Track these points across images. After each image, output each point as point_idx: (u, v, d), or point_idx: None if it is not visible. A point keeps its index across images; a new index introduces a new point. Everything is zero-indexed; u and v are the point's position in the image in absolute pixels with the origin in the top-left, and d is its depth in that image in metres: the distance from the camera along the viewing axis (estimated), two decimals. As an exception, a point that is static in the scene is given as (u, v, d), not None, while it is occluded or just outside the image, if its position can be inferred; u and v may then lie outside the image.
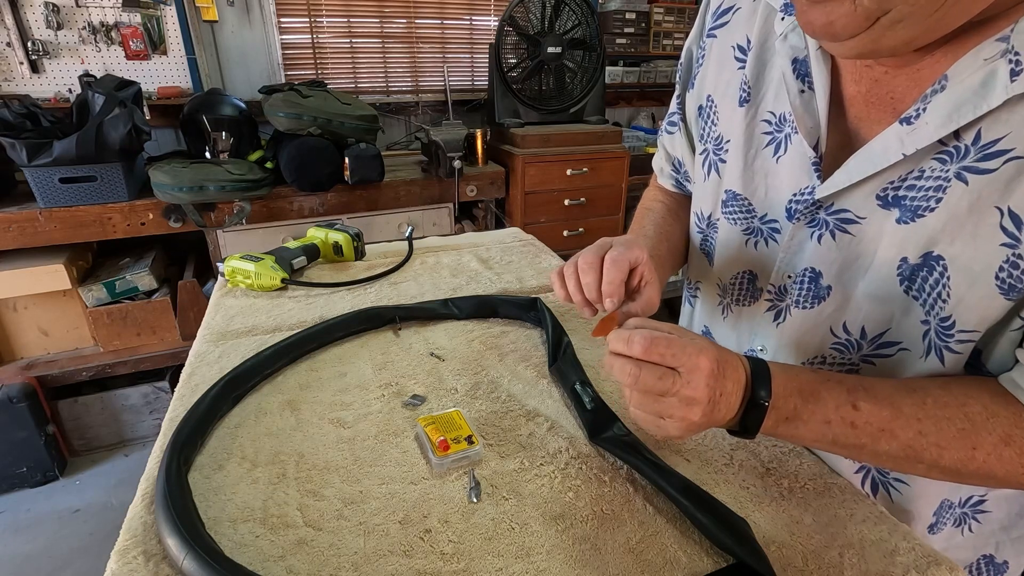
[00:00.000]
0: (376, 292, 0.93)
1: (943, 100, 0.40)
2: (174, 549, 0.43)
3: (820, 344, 0.54)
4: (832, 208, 0.49)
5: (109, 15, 2.02)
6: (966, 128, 0.40)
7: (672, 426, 0.45)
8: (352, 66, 2.48)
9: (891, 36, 0.37)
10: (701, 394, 0.43)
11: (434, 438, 0.56)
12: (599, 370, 0.73)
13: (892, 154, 0.43)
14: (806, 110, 0.50)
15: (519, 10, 2.32)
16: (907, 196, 0.44)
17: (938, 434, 0.42)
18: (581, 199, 2.39)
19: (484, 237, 1.22)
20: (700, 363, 0.43)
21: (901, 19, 0.36)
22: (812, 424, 0.45)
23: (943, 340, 0.45)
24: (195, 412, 0.59)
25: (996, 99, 0.37)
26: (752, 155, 0.57)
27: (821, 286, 0.52)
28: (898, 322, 0.48)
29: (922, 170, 0.43)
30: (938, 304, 0.45)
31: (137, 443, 2.11)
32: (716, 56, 0.61)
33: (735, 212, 0.60)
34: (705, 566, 0.45)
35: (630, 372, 0.44)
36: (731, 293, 0.64)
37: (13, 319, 1.87)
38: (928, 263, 0.44)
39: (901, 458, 0.44)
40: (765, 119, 0.55)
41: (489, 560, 0.46)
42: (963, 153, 0.41)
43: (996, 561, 0.59)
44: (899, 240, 0.45)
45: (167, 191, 1.76)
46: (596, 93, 2.51)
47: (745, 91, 0.56)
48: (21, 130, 1.66)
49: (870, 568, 0.45)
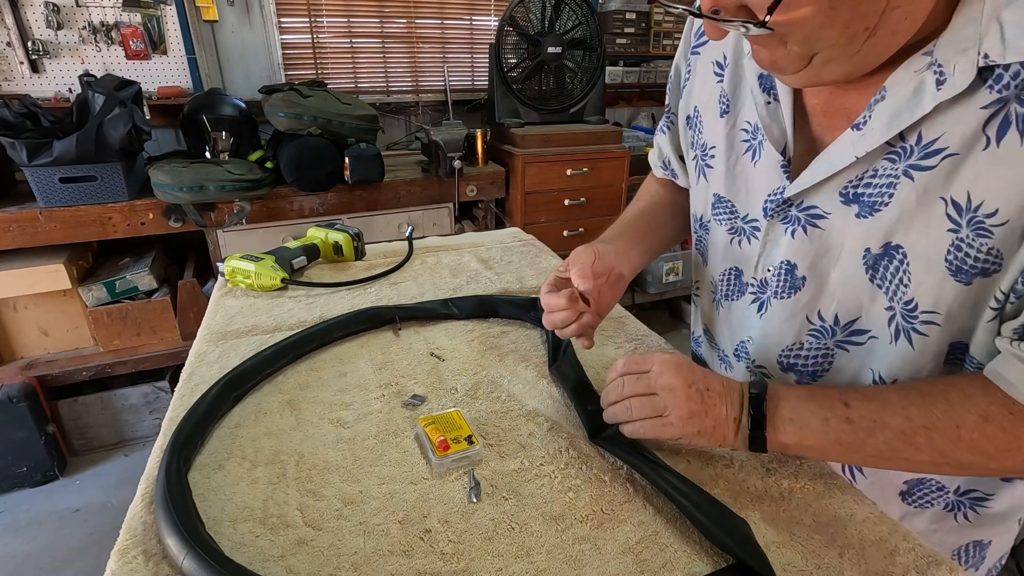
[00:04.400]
0: (376, 292, 0.93)
1: (884, 108, 0.46)
2: (174, 549, 0.43)
3: (798, 331, 0.59)
4: (802, 205, 0.54)
5: (109, 15, 2.02)
6: (909, 130, 0.45)
7: (674, 417, 0.51)
8: (352, 66, 2.48)
9: (827, 72, 0.44)
10: (675, 380, 0.51)
11: (434, 438, 0.56)
12: (599, 370, 0.73)
13: (846, 157, 0.49)
14: (773, 120, 0.56)
15: (519, 10, 2.32)
16: (864, 193, 0.50)
17: (924, 417, 0.46)
18: (581, 199, 2.39)
19: (484, 237, 1.22)
20: (663, 358, 0.53)
21: (830, 59, 0.42)
22: (814, 423, 0.49)
23: (909, 322, 0.50)
24: (195, 412, 0.59)
25: (927, 105, 0.43)
26: (733, 161, 0.62)
27: (796, 277, 0.57)
28: (866, 310, 0.53)
29: (875, 169, 0.49)
30: (900, 289, 0.49)
31: (137, 443, 2.11)
32: (700, 72, 0.66)
33: (722, 213, 0.65)
34: (705, 566, 0.45)
35: (616, 385, 0.55)
36: (721, 289, 0.69)
37: (13, 319, 1.87)
38: (889, 252, 0.49)
39: (899, 448, 0.47)
40: (743, 128, 0.61)
41: (489, 560, 0.46)
42: (909, 153, 0.46)
43: (983, 543, 0.63)
44: (862, 233, 0.50)
45: (167, 191, 1.76)
46: (596, 93, 2.51)
47: (724, 103, 0.62)
48: (21, 130, 1.65)
49: (870, 568, 0.45)
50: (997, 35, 0.39)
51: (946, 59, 0.42)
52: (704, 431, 0.51)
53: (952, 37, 0.41)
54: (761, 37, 0.43)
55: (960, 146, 0.43)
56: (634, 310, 1.68)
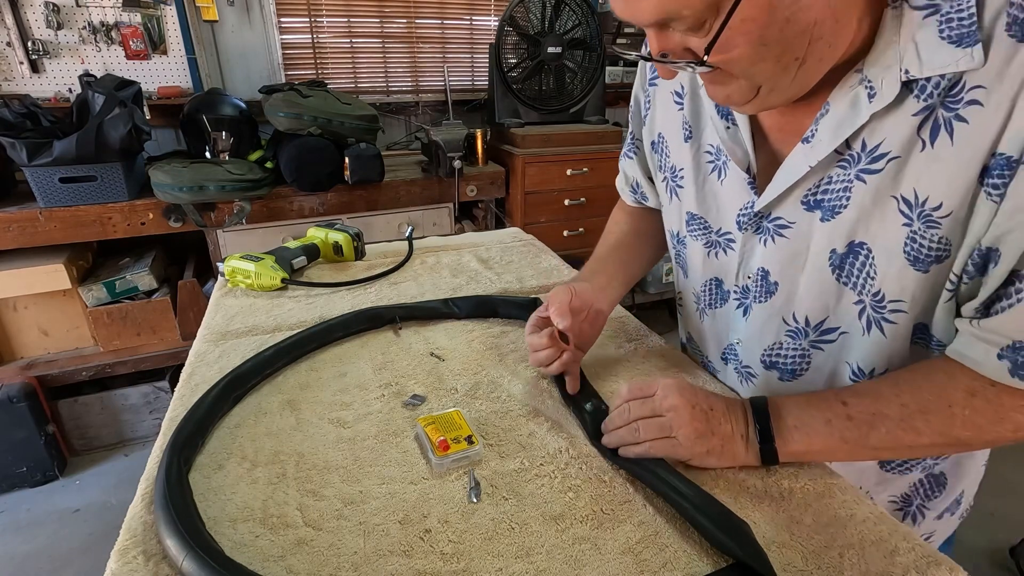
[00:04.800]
0: (376, 292, 0.93)
1: (828, 121, 0.51)
2: (174, 549, 0.43)
3: (777, 331, 0.63)
4: (771, 217, 0.59)
5: (109, 15, 2.02)
6: (853, 138, 0.50)
7: (682, 437, 0.53)
8: (352, 66, 2.48)
9: (772, 99, 0.49)
10: (679, 401, 0.54)
11: (434, 438, 0.56)
12: (599, 370, 0.73)
13: (801, 168, 0.53)
14: (734, 142, 0.60)
15: (519, 10, 2.32)
16: (824, 199, 0.54)
17: (918, 402, 0.49)
18: (581, 199, 2.39)
19: (484, 237, 1.22)
20: (666, 382, 0.56)
21: (773, 88, 0.47)
22: (818, 427, 0.52)
23: (879, 312, 0.54)
24: (195, 412, 0.59)
25: (864, 116, 0.48)
26: (701, 181, 0.66)
27: (770, 282, 0.61)
28: (833, 309, 0.57)
29: (830, 177, 0.53)
30: (868, 282, 0.53)
31: (137, 443, 2.11)
32: (660, 101, 0.71)
33: (696, 229, 0.69)
34: (705, 566, 0.45)
35: (623, 410, 0.57)
36: (704, 299, 0.72)
37: (13, 319, 1.87)
38: (854, 250, 0.53)
39: (900, 435, 0.49)
40: (707, 150, 0.65)
41: (489, 560, 0.46)
42: (857, 159, 0.50)
43: (934, 473, 0.66)
44: (826, 235, 0.54)
45: (167, 191, 1.76)
46: (596, 93, 2.51)
47: (687, 130, 0.66)
48: (21, 130, 1.65)
49: (870, 568, 0.45)
50: (914, 54, 0.45)
51: (875, 76, 0.47)
52: (713, 450, 0.53)
53: (876, 57, 0.47)
54: (710, 74, 0.48)
55: (900, 149, 0.48)
56: (634, 310, 1.68)
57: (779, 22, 0.42)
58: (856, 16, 0.45)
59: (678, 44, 0.47)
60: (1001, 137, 0.42)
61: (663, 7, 0.42)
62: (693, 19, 0.43)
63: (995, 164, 0.43)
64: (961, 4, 0.43)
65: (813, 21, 0.42)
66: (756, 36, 0.43)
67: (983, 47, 0.42)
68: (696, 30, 0.44)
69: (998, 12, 0.42)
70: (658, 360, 0.76)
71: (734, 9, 0.41)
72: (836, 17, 0.43)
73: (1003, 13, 0.41)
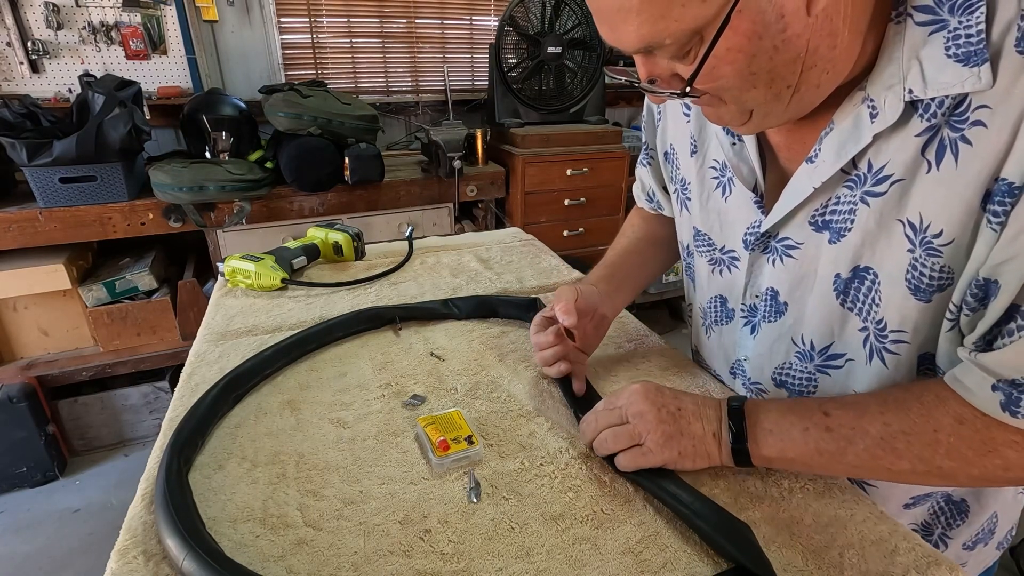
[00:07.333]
0: (376, 292, 0.93)
1: (832, 140, 0.49)
2: (174, 549, 0.43)
3: (786, 351, 0.61)
4: (779, 237, 0.57)
5: (109, 15, 2.02)
6: (860, 158, 0.48)
7: (651, 443, 0.52)
8: (352, 66, 2.48)
9: (768, 121, 0.48)
10: (644, 406, 0.53)
11: (434, 438, 0.56)
12: (599, 370, 0.73)
13: (806, 188, 0.51)
14: (740, 159, 0.59)
15: (519, 10, 2.32)
16: (832, 220, 0.52)
17: (901, 422, 0.47)
18: (581, 199, 2.39)
19: (484, 237, 1.22)
20: (632, 387, 0.56)
21: (767, 114, 0.46)
22: (794, 434, 0.50)
23: (880, 342, 0.52)
24: (195, 412, 0.59)
25: (867, 136, 0.46)
26: (706, 197, 0.65)
27: (780, 303, 0.59)
28: (838, 335, 0.55)
29: (838, 197, 0.51)
30: (873, 309, 0.51)
31: (137, 443, 2.11)
32: (671, 112, 0.70)
33: (701, 246, 0.69)
34: (705, 566, 0.45)
35: (591, 420, 0.57)
36: (710, 316, 0.71)
37: (13, 319, 1.86)
38: (859, 275, 0.51)
39: (879, 455, 0.47)
40: (711, 166, 0.64)
41: (489, 560, 0.46)
42: (863, 180, 0.48)
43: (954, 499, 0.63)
44: (832, 258, 0.52)
45: (167, 191, 1.76)
46: (596, 93, 2.51)
47: (692, 144, 0.65)
48: (21, 130, 1.65)
49: (870, 568, 0.45)
50: (918, 73, 0.43)
51: (877, 95, 0.45)
52: (685, 452, 0.52)
53: (879, 75, 0.45)
54: (701, 98, 0.47)
55: (905, 171, 0.46)
56: (634, 310, 1.68)
57: (767, 51, 0.41)
58: (859, 35, 0.43)
59: (666, 70, 0.46)
60: (1005, 161, 0.40)
61: (646, 36, 0.41)
62: (676, 47, 0.42)
63: (997, 190, 0.41)
64: (970, 20, 0.40)
65: (805, 49, 0.41)
66: (742, 65, 0.42)
67: (991, 65, 0.39)
68: (681, 58, 0.43)
69: (1008, 25, 0.39)
70: (658, 360, 0.76)
71: (718, 38, 0.40)
72: (833, 43, 0.42)
73: (1014, 26, 0.39)
